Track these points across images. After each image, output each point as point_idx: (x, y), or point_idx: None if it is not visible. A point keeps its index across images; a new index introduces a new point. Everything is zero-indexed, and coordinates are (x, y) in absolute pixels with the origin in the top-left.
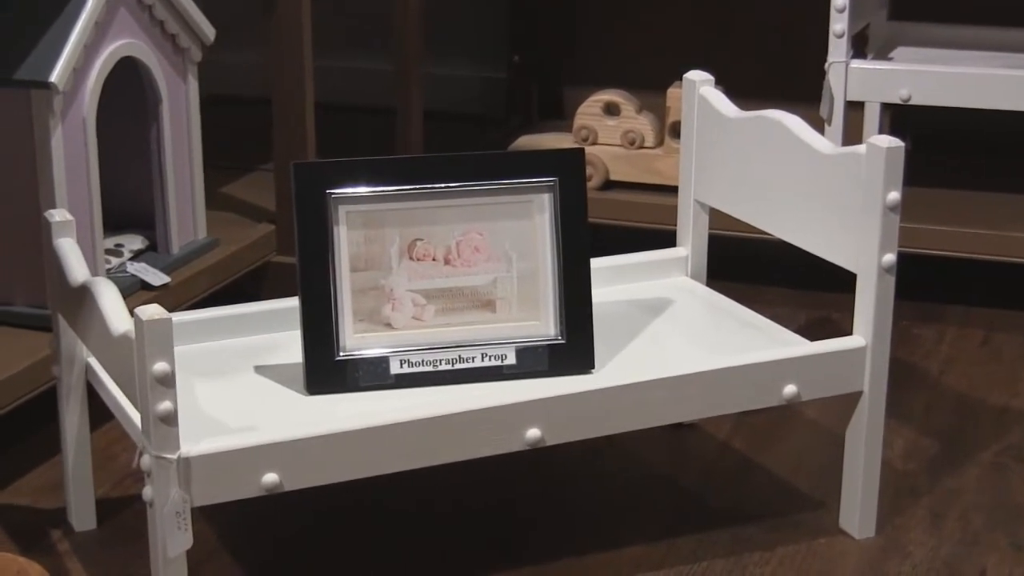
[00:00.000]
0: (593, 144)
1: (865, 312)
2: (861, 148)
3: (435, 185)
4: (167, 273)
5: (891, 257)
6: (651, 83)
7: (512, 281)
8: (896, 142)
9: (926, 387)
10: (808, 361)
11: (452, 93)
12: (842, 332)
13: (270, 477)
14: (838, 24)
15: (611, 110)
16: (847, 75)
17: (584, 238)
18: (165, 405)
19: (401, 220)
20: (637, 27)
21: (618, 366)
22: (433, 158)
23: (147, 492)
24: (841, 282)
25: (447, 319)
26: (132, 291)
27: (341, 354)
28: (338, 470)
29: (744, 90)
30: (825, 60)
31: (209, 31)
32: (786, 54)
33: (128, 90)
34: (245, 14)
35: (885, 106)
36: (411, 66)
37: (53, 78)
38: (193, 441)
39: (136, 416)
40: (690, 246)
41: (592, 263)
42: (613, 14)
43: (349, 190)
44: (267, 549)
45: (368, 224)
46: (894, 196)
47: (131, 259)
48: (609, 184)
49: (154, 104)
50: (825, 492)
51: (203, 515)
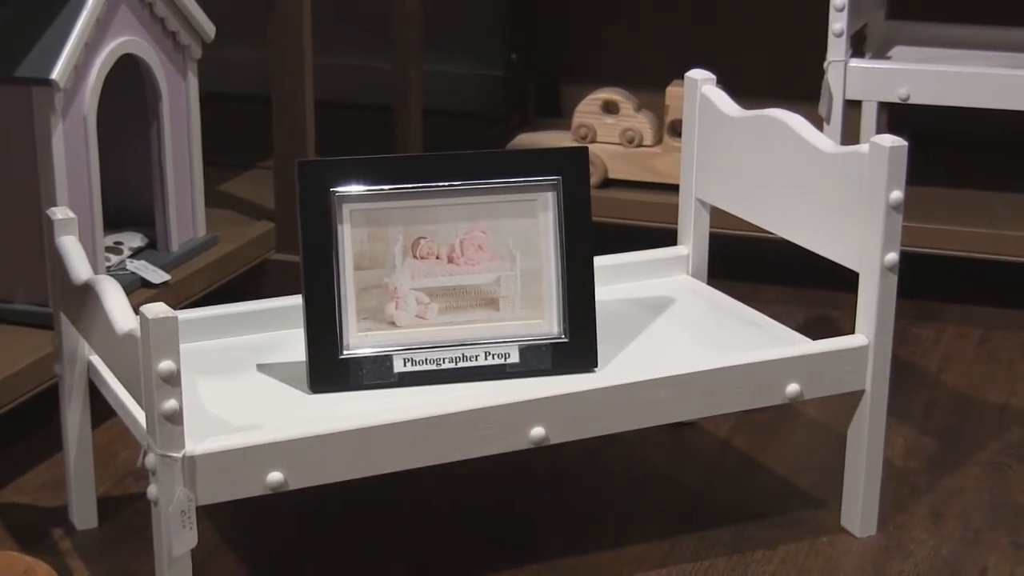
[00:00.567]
0: (592, 142)
1: (867, 311)
2: (864, 147)
3: (439, 183)
4: (166, 271)
5: (893, 256)
6: (650, 81)
7: (515, 280)
8: (899, 141)
9: (925, 386)
10: (811, 360)
11: (450, 91)
12: (841, 331)
13: (275, 476)
14: (837, 23)
15: (610, 108)
16: (846, 74)
17: (587, 237)
18: (170, 404)
19: (405, 218)
20: (635, 25)
21: (621, 365)
22: (437, 156)
23: (152, 491)
24: (839, 280)
25: (450, 317)
26: (132, 289)
27: (345, 352)
28: (342, 469)
29: (742, 88)
30: (824, 59)
31: (209, 28)
32: (784, 53)
33: (128, 87)
34: (245, 11)
35: (883, 105)
36: (411, 64)
37: (54, 75)
38: (198, 440)
39: (140, 415)
40: (691, 245)
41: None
42: (611, 12)
43: (353, 188)
44: (270, 547)
45: (372, 222)
46: (897, 195)
47: (131, 257)
48: (608, 182)
49: (154, 101)
50: (826, 490)
51: (205, 513)
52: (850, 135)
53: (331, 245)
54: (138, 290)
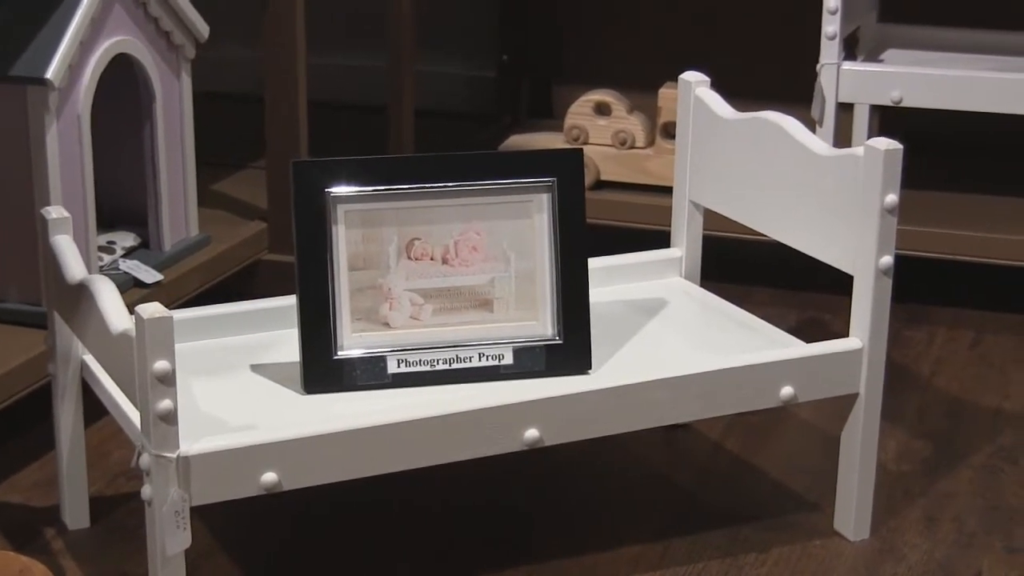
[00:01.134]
0: (584, 144)
1: (861, 314)
2: (859, 150)
3: (433, 184)
4: (159, 270)
5: (888, 259)
6: (642, 83)
7: (510, 281)
8: (894, 144)
9: (918, 389)
10: (805, 363)
11: (441, 91)
12: (833, 333)
13: (269, 476)
14: (830, 26)
15: (602, 110)
16: (839, 77)
17: (582, 238)
18: (165, 404)
19: (399, 219)
20: (628, 26)
21: (615, 367)
22: (432, 157)
23: (146, 491)
24: (831, 283)
25: (445, 319)
26: (124, 289)
27: (338, 353)
28: (336, 470)
29: (736, 90)
30: (816, 62)
31: (203, 28)
32: (778, 55)
33: (121, 87)
34: (238, 10)
35: (875, 108)
36: (403, 64)
37: (49, 74)
38: (192, 440)
39: (135, 415)
40: (684, 247)
41: None
42: (604, 13)
43: (348, 189)
44: (264, 548)
45: (366, 223)
46: (892, 198)
47: (123, 256)
48: (600, 184)
49: (148, 101)
50: (819, 494)
51: (198, 513)
52: (842, 138)
53: (325, 245)
54: (131, 290)
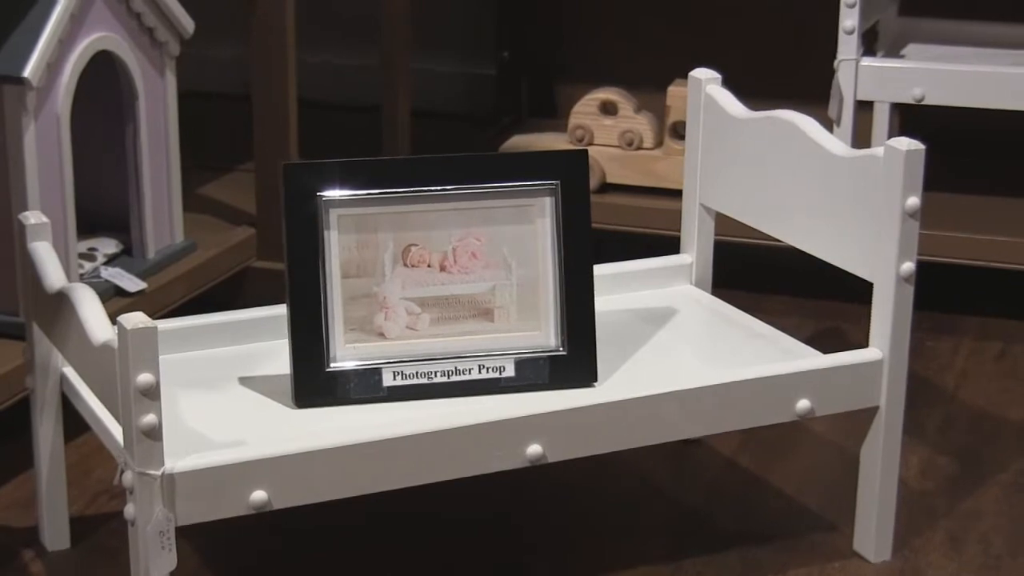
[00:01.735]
0: (589, 145)
1: (882, 324)
2: (879, 150)
3: (431, 188)
4: (143, 279)
5: (910, 265)
6: (650, 81)
7: (511, 289)
8: (916, 144)
9: (941, 402)
10: (823, 375)
11: (437, 90)
12: (852, 344)
13: (258, 495)
14: (848, 20)
15: (608, 109)
16: (857, 73)
17: (587, 244)
18: (149, 418)
19: (395, 224)
20: (635, 21)
21: (622, 379)
22: (429, 159)
23: (129, 510)
24: (849, 291)
25: (443, 329)
26: (106, 298)
27: (331, 365)
28: (329, 488)
29: (748, 88)
30: (834, 58)
31: (188, 24)
32: (793, 51)
33: (102, 86)
34: (225, 6)
35: (895, 106)
36: (398, 61)
37: (26, 73)
38: (178, 457)
39: (117, 430)
40: (695, 253)
41: None
42: (609, 7)
43: (341, 192)
44: (251, 568)
45: (361, 228)
46: (914, 201)
47: (105, 264)
48: (606, 187)
49: (130, 101)
50: (837, 512)
51: (183, 533)
52: (861, 138)
53: (317, 252)
54: (112, 299)
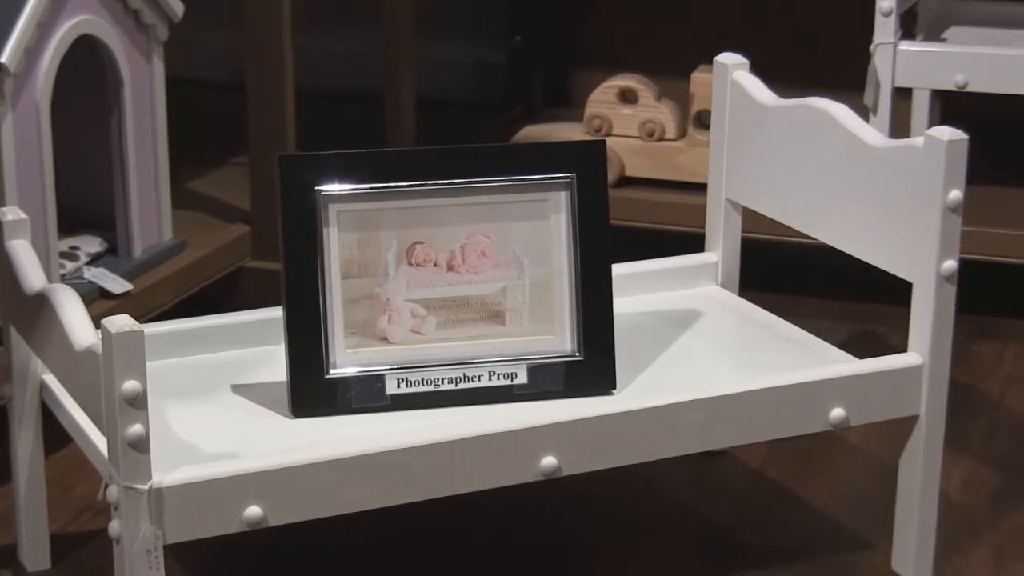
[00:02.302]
0: (607, 135)
1: (922, 326)
2: (918, 140)
3: (437, 182)
4: (129, 279)
5: (952, 264)
6: (672, 67)
7: (523, 290)
8: (958, 134)
9: (986, 411)
10: (858, 381)
11: (444, 78)
12: (889, 348)
13: (253, 511)
14: (886, 1)
15: (627, 97)
16: (895, 58)
17: (605, 242)
18: (135, 429)
19: (399, 221)
20: (655, 3)
21: (642, 386)
22: (435, 151)
23: (114, 527)
24: (887, 291)
25: (450, 332)
26: (90, 300)
27: (331, 372)
28: (328, 503)
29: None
30: (870, 42)
31: (177, 7)
32: (826, 34)
33: (85, 73)
34: None
35: (936, 93)
36: (402, 47)
37: (4, 59)
38: (166, 470)
39: (101, 441)
40: (721, 251)
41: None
42: None
43: (341, 187)
44: None
45: (362, 225)
46: (956, 195)
47: (88, 264)
48: (625, 180)
49: (115, 88)
50: (873, 528)
51: (172, 552)
52: (899, 127)
53: (316, 251)
54: (96, 301)
